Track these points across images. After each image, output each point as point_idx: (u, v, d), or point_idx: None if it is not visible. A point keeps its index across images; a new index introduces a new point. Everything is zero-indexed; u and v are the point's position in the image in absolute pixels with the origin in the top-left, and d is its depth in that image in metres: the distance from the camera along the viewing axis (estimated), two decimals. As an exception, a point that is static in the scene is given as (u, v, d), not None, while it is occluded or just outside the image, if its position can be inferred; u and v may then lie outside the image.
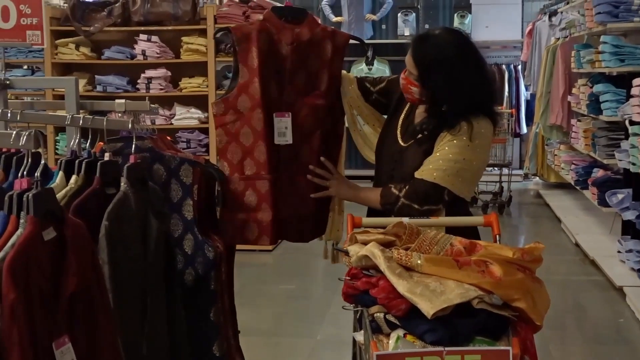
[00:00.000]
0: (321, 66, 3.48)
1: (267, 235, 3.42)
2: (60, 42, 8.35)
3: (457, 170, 3.18)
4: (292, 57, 3.44)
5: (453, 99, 3.22)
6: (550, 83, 10.16)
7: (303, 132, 3.46)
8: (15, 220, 2.00)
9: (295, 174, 3.48)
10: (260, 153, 3.40)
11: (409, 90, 3.29)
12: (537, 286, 2.64)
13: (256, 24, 3.46)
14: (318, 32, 3.50)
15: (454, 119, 3.20)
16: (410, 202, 3.20)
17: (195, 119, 8.27)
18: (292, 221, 3.51)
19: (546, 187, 11.31)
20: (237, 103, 3.41)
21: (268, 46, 3.42)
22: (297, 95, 3.46)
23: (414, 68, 3.24)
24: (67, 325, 2.04)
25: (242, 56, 3.41)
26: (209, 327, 3.18)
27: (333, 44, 3.49)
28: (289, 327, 5.93)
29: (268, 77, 3.41)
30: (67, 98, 3.51)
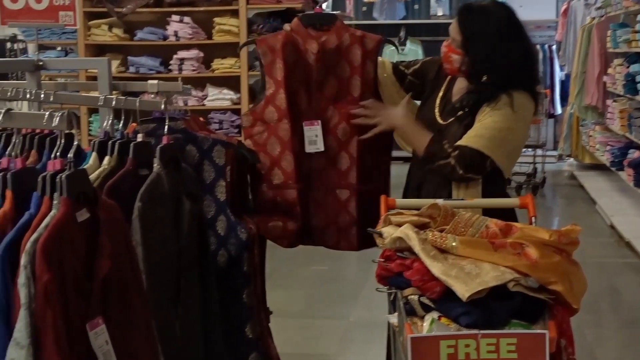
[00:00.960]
0: (352, 72, 3.47)
1: (287, 240, 3.46)
2: (93, 24, 8.38)
3: (501, 140, 3.17)
4: (318, 66, 3.44)
5: (494, 71, 3.22)
6: (586, 63, 10.06)
7: (338, 139, 3.47)
8: (48, 201, 2.00)
9: (332, 183, 3.49)
10: (287, 163, 3.42)
11: (449, 58, 3.27)
12: (574, 269, 2.61)
13: (282, 36, 3.48)
14: (346, 38, 3.47)
15: (494, 92, 3.19)
16: (458, 165, 3.17)
17: (227, 99, 8.27)
18: (329, 230, 3.52)
19: (580, 168, 11.21)
20: (265, 115, 3.45)
21: (294, 57, 3.44)
22: (327, 103, 3.46)
23: (458, 34, 3.24)
24: (101, 306, 2.04)
25: (268, 69, 3.46)
26: (241, 309, 3.17)
27: (363, 48, 3.47)
28: (321, 309, 5.93)
29: (295, 87, 3.43)
30: (99, 79, 3.50)
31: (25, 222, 1.97)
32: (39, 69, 3.40)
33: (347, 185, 3.48)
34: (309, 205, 3.48)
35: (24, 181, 2.06)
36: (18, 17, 4.37)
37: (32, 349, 1.83)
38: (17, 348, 1.83)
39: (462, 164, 3.17)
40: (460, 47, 3.24)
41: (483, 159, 3.16)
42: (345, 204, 3.49)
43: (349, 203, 3.48)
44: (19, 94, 2.93)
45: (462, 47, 3.24)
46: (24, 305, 1.84)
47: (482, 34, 3.23)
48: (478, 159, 3.16)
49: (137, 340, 2.18)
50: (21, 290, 1.85)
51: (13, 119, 2.11)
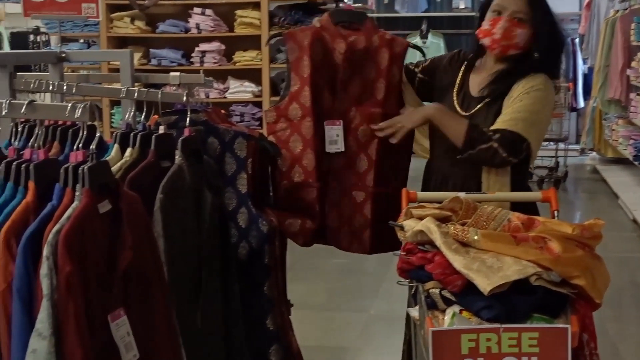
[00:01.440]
0: (378, 75, 3.44)
1: (303, 237, 3.42)
2: (115, 16, 8.40)
3: (533, 122, 3.18)
4: (345, 66, 3.41)
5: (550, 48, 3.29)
6: (609, 56, 9.99)
7: (359, 141, 3.44)
8: (71, 193, 2.00)
9: (350, 184, 3.47)
10: (308, 161, 3.40)
11: (511, 34, 3.24)
12: (597, 263, 2.59)
13: (310, 32, 3.45)
14: (375, 40, 3.45)
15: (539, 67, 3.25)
16: (501, 147, 3.13)
17: (249, 92, 8.28)
18: (342, 230, 3.50)
19: (603, 162, 11.14)
20: (288, 111, 3.43)
21: (321, 55, 3.41)
22: (351, 103, 3.44)
23: (526, 8, 3.24)
24: (123, 298, 2.05)
25: (294, 65, 3.42)
26: (263, 301, 3.17)
27: (391, 52, 3.45)
28: (342, 301, 5.93)
29: (320, 86, 3.41)
30: (122, 71, 3.51)
31: (48, 214, 1.97)
32: (62, 60, 3.42)
33: (364, 187, 3.45)
34: (325, 204, 3.47)
35: (46, 173, 2.07)
36: (41, 9, 4.39)
37: (54, 339, 1.84)
38: (39, 339, 1.84)
39: (505, 147, 3.13)
40: (527, 20, 3.23)
41: (522, 141, 3.14)
42: (361, 206, 3.46)
43: (364, 205, 3.46)
44: (42, 85, 2.95)
45: (530, 20, 3.23)
46: (46, 296, 1.85)
47: (545, 7, 3.28)
48: (518, 141, 3.14)
49: (158, 332, 2.19)
50: (43, 281, 1.86)
51: (36, 111, 2.12)
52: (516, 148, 3.15)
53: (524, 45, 3.25)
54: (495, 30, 3.25)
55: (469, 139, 3.17)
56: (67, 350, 1.86)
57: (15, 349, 1.87)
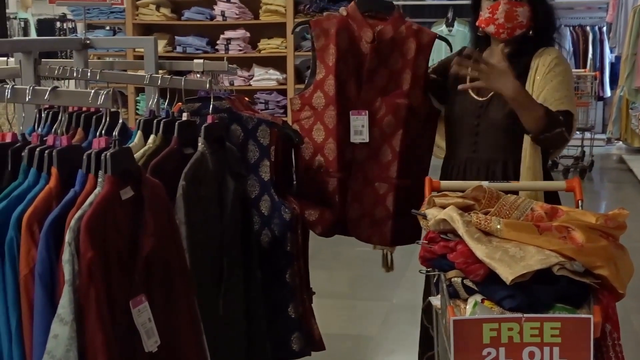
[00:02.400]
0: (404, 65, 3.40)
1: (321, 226, 3.42)
2: (140, 3, 8.43)
3: (572, 97, 3.23)
4: (372, 55, 3.38)
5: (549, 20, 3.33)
6: (637, 45, 9.91)
7: (383, 131, 3.41)
8: (93, 179, 2.01)
9: (372, 175, 3.44)
10: (330, 151, 3.38)
11: (513, 14, 3.24)
12: (621, 253, 2.57)
13: (337, 20, 3.42)
14: (402, 30, 3.42)
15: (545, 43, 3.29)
16: (566, 130, 3.13)
17: (273, 80, 8.28)
18: (363, 222, 3.47)
19: (630, 152, 11.06)
20: (312, 100, 3.41)
21: (347, 44, 3.38)
22: (376, 94, 3.40)
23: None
24: (144, 284, 2.05)
25: (320, 53, 3.40)
26: (284, 289, 3.18)
27: (418, 42, 3.41)
28: (365, 290, 5.92)
29: (345, 75, 3.38)
30: (146, 58, 3.52)
31: (70, 200, 1.98)
32: (86, 47, 3.43)
33: (387, 178, 3.43)
34: (347, 195, 3.44)
35: (69, 159, 2.08)
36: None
37: (75, 325, 1.85)
38: (60, 324, 1.85)
39: (567, 128, 3.15)
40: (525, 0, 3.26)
41: (572, 118, 3.17)
42: (383, 197, 3.44)
43: (386, 197, 3.43)
44: (66, 72, 2.96)
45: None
46: (68, 282, 1.86)
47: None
48: (571, 119, 3.17)
49: (179, 318, 2.20)
50: (65, 267, 1.87)
51: (59, 97, 2.13)
52: (574, 127, 3.19)
53: (527, 23, 3.27)
54: (498, 15, 3.25)
55: (547, 122, 3.09)
56: (88, 336, 1.87)
57: (37, 334, 1.88)
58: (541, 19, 3.28)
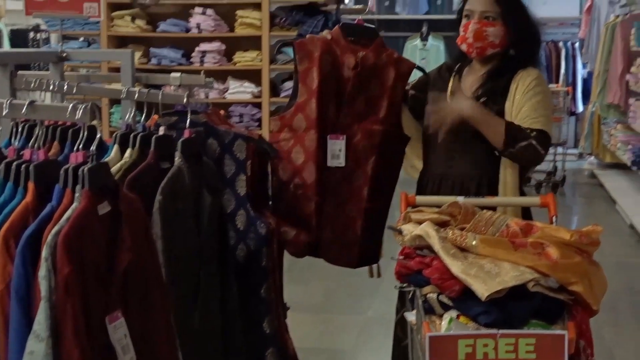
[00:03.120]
0: (382, 92, 3.43)
1: (294, 247, 3.44)
2: (116, 15, 8.40)
3: (549, 117, 3.27)
4: (354, 81, 3.41)
5: (529, 40, 3.32)
6: (609, 61, 10.00)
7: (357, 156, 3.43)
8: (70, 193, 2.00)
9: (345, 198, 3.45)
10: (309, 174, 3.39)
11: (483, 34, 3.27)
12: (594, 269, 2.60)
13: (320, 43, 3.44)
14: (383, 57, 3.45)
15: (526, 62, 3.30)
16: (539, 144, 3.19)
17: (248, 93, 8.27)
18: (334, 244, 3.49)
19: (601, 167, 11.14)
20: (293, 122, 3.42)
21: (330, 68, 3.40)
22: (354, 119, 3.43)
23: (494, 6, 3.27)
24: (121, 300, 2.04)
25: (303, 75, 3.41)
26: (260, 303, 3.17)
27: (397, 71, 3.45)
28: (339, 303, 5.92)
29: (326, 99, 3.40)
30: (122, 71, 3.51)
31: (47, 214, 1.98)
32: (63, 60, 3.42)
33: (358, 202, 3.44)
34: (321, 218, 3.45)
35: (46, 173, 2.07)
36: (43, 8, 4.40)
37: (51, 341, 1.84)
38: (36, 340, 1.84)
39: (541, 143, 3.20)
40: (497, 18, 3.26)
41: (549, 137, 3.23)
42: (353, 221, 3.45)
43: (356, 220, 3.45)
44: (43, 85, 2.95)
45: (500, 17, 3.26)
46: (44, 298, 1.85)
47: (518, 5, 3.33)
48: (548, 137, 3.23)
49: (155, 333, 2.19)
50: (42, 283, 1.86)
51: (37, 111, 2.12)
52: (548, 144, 3.23)
53: (500, 42, 3.29)
54: (468, 34, 3.31)
55: (509, 137, 3.19)
56: (64, 352, 1.86)
57: (13, 351, 1.87)
58: (519, 38, 3.29)
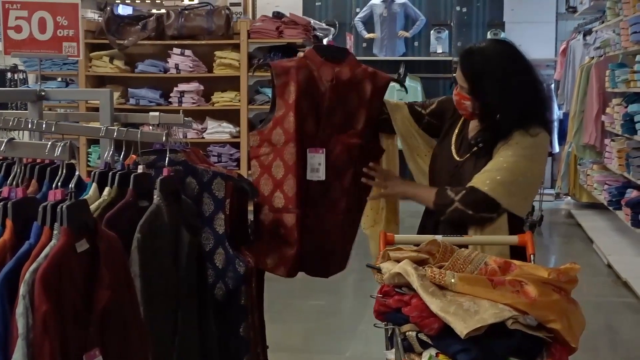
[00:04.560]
0: (359, 105, 3.49)
1: (285, 267, 3.46)
2: (94, 55, 8.42)
3: (511, 182, 3.18)
4: (330, 94, 3.46)
5: (505, 108, 3.21)
6: (584, 102, 10.09)
7: (335, 169, 3.49)
8: (48, 231, 2.00)
9: (323, 210, 3.50)
10: (289, 187, 3.42)
11: (462, 105, 3.29)
12: (573, 307, 2.61)
13: (296, 61, 3.51)
14: (359, 72, 3.52)
15: (508, 129, 3.21)
16: (465, 207, 3.18)
17: (226, 133, 8.29)
18: (315, 256, 3.52)
19: (578, 207, 11.20)
20: (272, 136, 3.45)
21: (307, 82, 3.45)
22: (332, 132, 3.48)
23: (464, 82, 3.25)
24: (99, 338, 2.03)
25: (280, 90, 3.45)
26: (238, 342, 3.16)
27: (373, 84, 3.51)
28: (318, 343, 5.90)
29: (304, 112, 3.44)
30: (101, 110, 3.51)
31: (25, 252, 1.97)
32: (41, 99, 3.42)
33: (335, 214, 3.51)
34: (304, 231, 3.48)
35: (24, 211, 2.07)
36: (22, 47, 4.39)
37: (29, 379, 1.83)
38: (14, 378, 1.82)
39: (471, 206, 3.18)
40: (469, 93, 3.24)
41: (490, 201, 3.17)
42: (329, 233, 3.51)
43: (332, 232, 3.51)
44: (21, 123, 2.94)
45: (470, 93, 3.23)
46: (22, 336, 1.84)
47: (486, 75, 3.22)
48: (485, 201, 3.17)
49: (134, 373, 2.18)
50: (19, 320, 1.85)
51: (15, 149, 2.12)
52: (482, 206, 3.18)
53: (480, 113, 3.26)
54: (454, 100, 3.34)
55: (436, 206, 3.27)
56: (41, 391, 1.84)
57: (-11, 389, 1.85)
58: (494, 112, 3.23)
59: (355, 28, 12.65)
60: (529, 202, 3.36)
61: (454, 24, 12.73)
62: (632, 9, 7.73)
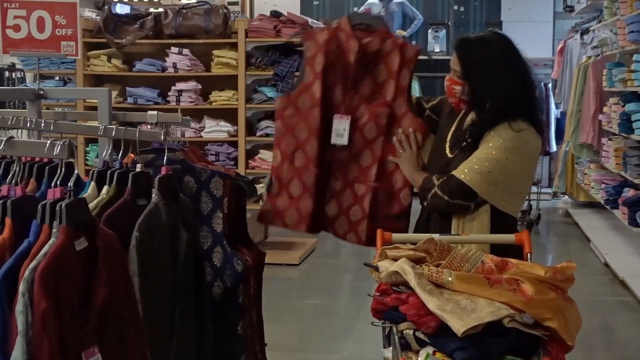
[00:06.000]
0: (388, 76, 3.57)
1: (304, 224, 3.57)
2: (92, 54, 8.41)
3: (488, 171, 3.20)
4: (356, 65, 3.55)
5: (494, 98, 3.25)
6: (581, 101, 10.10)
7: (364, 137, 3.57)
8: (48, 229, 2.01)
9: (354, 177, 3.59)
10: (311, 148, 3.54)
11: (452, 91, 3.33)
12: (569, 305, 2.62)
13: (327, 31, 3.61)
14: (388, 43, 3.58)
15: (493, 119, 3.24)
16: (442, 193, 3.25)
17: (224, 132, 8.28)
18: (339, 219, 3.61)
19: (575, 206, 11.21)
20: (298, 101, 3.58)
21: (335, 53, 3.56)
22: (361, 101, 3.57)
23: (458, 65, 3.31)
24: (97, 335, 2.04)
25: (310, 60, 3.60)
26: (236, 340, 3.17)
27: (402, 56, 3.57)
28: (315, 342, 5.90)
29: (331, 81, 3.56)
30: (100, 109, 3.52)
31: (24, 250, 1.98)
32: (40, 98, 3.42)
33: (365, 181, 3.57)
34: (326, 193, 3.59)
35: (23, 209, 2.08)
36: (20, 46, 4.39)
37: (28, 377, 1.83)
38: (13, 376, 1.83)
39: (447, 192, 3.23)
40: (461, 77, 3.29)
41: (466, 189, 3.21)
42: (361, 198, 3.57)
43: (363, 198, 3.56)
44: (20, 122, 2.95)
45: (462, 77, 3.29)
46: (21, 333, 1.85)
47: (481, 61, 3.29)
48: (462, 189, 3.22)
49: (132, 370, 2.18)
50: (18, 318, 1.86)
51: (14, 147, 2.13)
52: (459, 194, 3.22)
53: (471, 99, 3.30)
54: (445, 88, 3.40)
55: (421, 191, 3.36)
56: (41, 388, 1.85)
57: (-11, 386, 1.86)
58: (486, 96, 3.27)
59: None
60: (514, 199, 3.32)
61: (452, 23, 12.75)
62: (629, 8, 7.74)
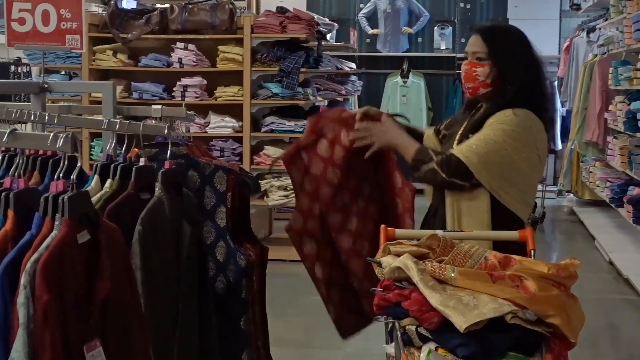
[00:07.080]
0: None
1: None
2: (98, 49, 8.42)
3: (485, 152, 3.18)
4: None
5: (516, 79, 3.28)
6: (587, 99, 10.08)
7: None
8: (50, 222, 2.01)
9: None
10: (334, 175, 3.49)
11: (472, 74, 3.32)
12: (572, 302, 2.61)
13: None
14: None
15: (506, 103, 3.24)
16: (440, 169, 3.20)
17: (229, 127, 8.28)
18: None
19: (580, 204, 11.20)
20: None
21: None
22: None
23: (482, 46, 3.31)
24: (99, 329, 2.04)
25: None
26: (239, 335, 3.17)
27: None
28: (320, 338, 5.90)
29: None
30: (104, 103, 3.52)
31: (26, 242, 1.98)
32: (44, 91, 3.43)
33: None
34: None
35: (26, 201, 2.08)
36: (25, 39, 4.40)
37: (29, 369, 1.84)
38: (14, 368, 1.83)
39: (446, 169, 3.19)
40: (485, 58, 3.29)
41: (463, 168, 3.18)
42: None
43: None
44: (24, 115, 2.95)
45: (488, 57, 3.29)
46: (23, 325, 1.85)
47: (507, 43, 3.35)
48: (460, 168, 3.19)
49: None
50: (20, 310, 1.86)
51: (18, 140, 2.13)
52: (454, 170, 3.19)
53: (492, 82, 3.30)
54: (462, 74, 3.37)
55: (414, 161, 3.28)
56: (42, 380, 1.85)
57: (-10, 378, 1.86)
58: (510, 78, 3.29)
59: (359, 24, 12.64)
60: (514, 190, 3.26)
61: (458, 20, 12.72)
62: (635, 6, 7.72)
